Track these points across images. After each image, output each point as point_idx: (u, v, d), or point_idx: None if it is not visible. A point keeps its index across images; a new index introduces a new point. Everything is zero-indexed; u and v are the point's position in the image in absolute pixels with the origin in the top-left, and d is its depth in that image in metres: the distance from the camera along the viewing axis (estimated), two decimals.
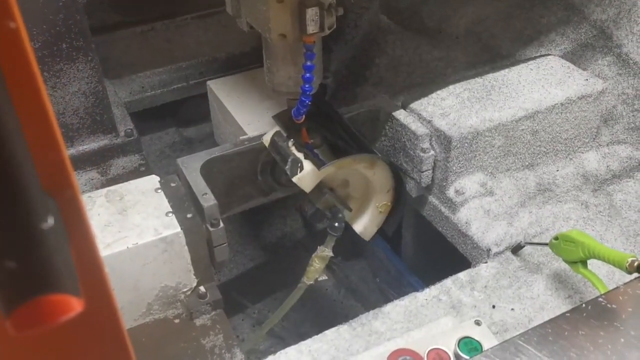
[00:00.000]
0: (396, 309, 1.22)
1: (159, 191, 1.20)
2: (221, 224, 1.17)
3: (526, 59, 1.64)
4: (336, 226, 1.34)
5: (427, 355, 0.93)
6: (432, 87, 1.56)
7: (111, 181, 1.50)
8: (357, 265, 1.94)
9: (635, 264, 1.00)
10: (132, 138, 1.57)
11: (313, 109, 1.25)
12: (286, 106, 1.35)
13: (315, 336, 1.17)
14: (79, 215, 0.40)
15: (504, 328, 1.18)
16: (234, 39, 1.95)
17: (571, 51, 1.81)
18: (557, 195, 1.47)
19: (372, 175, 1.34)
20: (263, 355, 1.16)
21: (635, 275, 1.00)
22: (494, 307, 1.22)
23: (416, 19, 1.95)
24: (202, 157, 1.29)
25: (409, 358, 0.93)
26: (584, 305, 0.93)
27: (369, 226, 1.43)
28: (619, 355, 0.87)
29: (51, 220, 0.32)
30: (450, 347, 0.95)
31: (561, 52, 1.77)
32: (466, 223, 1.40)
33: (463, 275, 1.29)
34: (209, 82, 1.61)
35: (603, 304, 0.94)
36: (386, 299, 1.74)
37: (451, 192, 1.45)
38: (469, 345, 0.94)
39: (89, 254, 0.40)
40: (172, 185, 1.22)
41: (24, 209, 0.30)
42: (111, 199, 1.17)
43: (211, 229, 1.16)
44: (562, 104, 1.49)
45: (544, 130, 1.50)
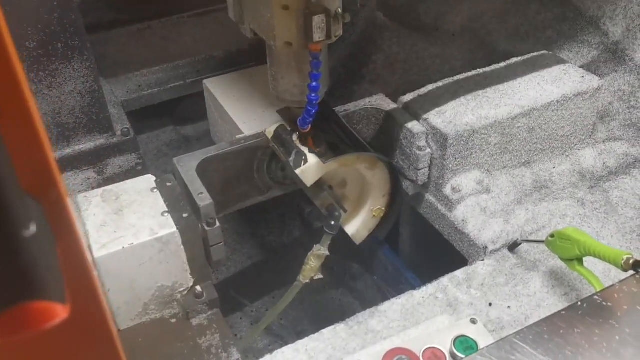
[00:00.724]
0: (393, 307, 1.22)
1: (155, 191, 1.20)
2: (217, 223, 1.17)
3: (522, 56, 1.64)
4: (332, 225, 1.34)
5: (422, 355, 0.93)
6: (429, 84, 1.56)
7: (108, 181, 1.50)
8: (354, 263, 1.94)
9: (631, 261, 1.01)
10: (129, 137, 1.57)
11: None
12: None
13: (312, 335, 1.17)
14: (66, 217, 0.39)
15: (500, 326, 1.18)
16: (231, 37, 1.94)
17: (567, 48, 1.81)
18: (554, 192, 1.47)
19: (372, 176, 1.34)
20: (260, 354, 1.16)
21: (631, 272, 1.00)
22: (490, 304, 1.22)
23: (413, 16, 1.95)
24: (198, 156, 1.29)
25: (404, 357, 0.93)
26: (579, 303, 0.93)
27: (361, 229, 1.43)
28: (614, 353, 0.87)
29: (33, 228, 0.32)
30: (446, 346, 0.95)
31: (557, 49, 1.77)
32: (463, 221, 1.40)
33: (460, 273, 1.29)
34: (205, 81, 1.61)
35: (599, 301, 0.94)
36: (383, 296, 1.74)
37: (448, 189, 1.45)
38: (464, 344, 0.94)
39: (76, 257, 0.40)
40: (168, 184, 1.22)
41: (2, 217, 0.30)
42: (107, 198, 1.17)
43: (207, 229, 1.16)
44: (558, 101, 1.49)
45: (540, 127, 1.50)
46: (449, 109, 1.46)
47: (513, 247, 1.33)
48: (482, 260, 1.32)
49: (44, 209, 0.38)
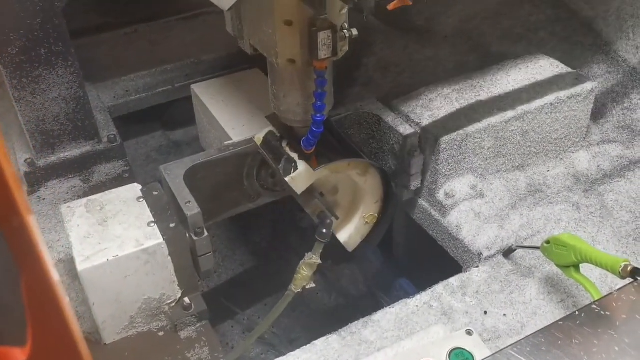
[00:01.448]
0: (386, 316, 1.20)
1: (141, 200, 1.17)
2: (205, 233, 1.14)
3: (515, 59, 1.62)
4: (324, 232, 1.31)
5: None
6: (421, 87, 1.53)
7: (94, 188, 1.47)
8: (348, 269, 1.91)
9: (629, 268, 0.98)
10: (115, 144, 1.54)
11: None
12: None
13: (304, 346, 1.14)
14: (30, 246, 0.36)
15: (496, 335, 1.15)
16: (220, 40, 1.91)
17: (560, 49, 1.79)
18: (548, 196, 1.45)
19: (364, 183, 1.31)
20: None
21: (629, 280, 0.98)
22: (485, 313, 1.19)
23: (404, 18, 1.92)
24: (186, 163, 1.26)
25: None
26: (577, 313, 0.91)
27: (354, 236, 1.40)
28: None
29: None
30: (441, 359, 0.92)
31: (550, 50, 1.75)
32: (457, 226, 1.38)
33: (454, 280, 1.27)
34: (193, 86, 1.58)
35: (597, 311, 0.92)
36: (377, 302, 1.72)
37: (441, 195, 1.42)
38: (460, 356, 0.92)
39: (43, 287, 0.37)
40: (155, 193, 1.19)
41: None
42: (91, 209, 1.14)
43: (195, 238, 1.13)
44: (551, 103, 1.47)
45: (533, 130, 1.48)
46: (442, 112, 1.43)
47: (508, 253, 1.31)
48: (477, 266, 1.30)
49: (4, 237, 0.35)
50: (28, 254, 0.37)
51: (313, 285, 1.34)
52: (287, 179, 1.22)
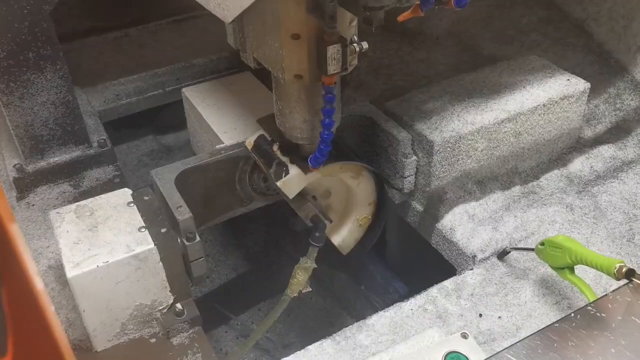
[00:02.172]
0: (381, 320, 1.19)
1: (132, 205, 1.15)
2: (197, 238, 1.13)
3: (507, 60, 1.62)
4: (318, 236, 1.30)
5: None
6: (413, 90, 1.53)
7: (84, 194, 1.45)
8: (342, 273, 1.90)
9: (624, 269, 0.98)
10: (106, 148, 1.52)
11: None
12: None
13: (298, 352, 1.13)
14: (12, 254, 0.35)
15: (491, 337, 1.15)
16: (210, 43, 1.89)
17: (552, 50, 1.79)
18: (542, 198, 1.44)
19: (356, 185, 1.30)
20: None
21: (624, 281, 0.97)
22: (480, 315, 1.19)
23: (396, 20, 1.92)
24: (177, 167, 1.25)
25: None
26: (572, 315, 0.90)
27: (348, 239, 1.39)
28: None
29: None
30: None
31: (542, 52, 1.75)
32: (450, 229, 1.37)
33: (449, 283, 1.26)
34: (184, 89, 1.56)
35: (592, 312, 0.91)
36: (372, 306, 1.71)
37: (434, 197, 1.42)
38: None
39: (26, 296, 0.36)
40: (146, 198, 1.17)
41: None
42: (81, 214, 1.12)
43: (187, 244, 1.12)
44: (544, 104, 1.46)
45: (526, 132, 1.48)
46: (435, 114, 1.43)
47: (502, 255, 1.30)
48: (471, 269, 1.29)
49: None
50: (10, 263, 0.35)
51: (309, 289, 1.33)
52: (279, 183, 1.20)
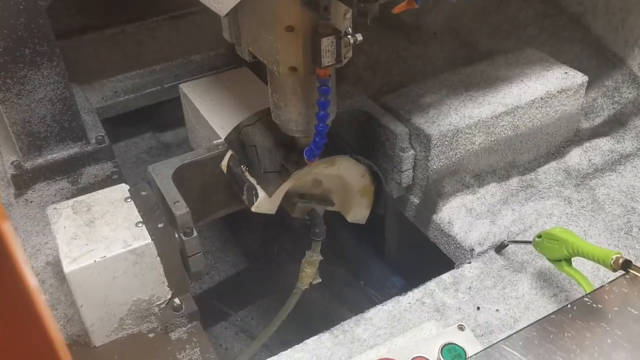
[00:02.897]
0: (379, 314, 1.19)
1: (129, 200, 1.15)
2: (195, 233, 1.13)
3: (505, 53, 1.61)
4: (317, 231, 1.30)
5: None
6: (411, 84, 1.53)
7: (82, 190, 1.45)
8: (340, 268, 1.90)
9: (621, 261, 0.98)
10: (104, 145, 1.52)
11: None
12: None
13: (296, 345, 1.13)
14: (4, 252, 0.35)
15: (488, 330, 1.15)
16: (208, 40, 1.89)
17: (549, 44, 1.79)
18: (540, 191, 1.44)
19: (337, 170, 1.28)
20: None
21: (621, 272, 0.97)
22: (478, 308, 1.19)
23: (393, 15, 1.91)
24: (174, 163, 1.25)
25: None
26: (569, 306, 0.90)
27: (359, 212, 1.36)
28: (607, 357, 0.84)
29: None
30: (433, 355, 0.92)
31: (539, 46, 1.75)
32: (448, 223, 1.37)
33: (447, 277, 1.26)
34: (181, 85, 1.56)
35: (589, 303, 0.91)
36: (370, 301, 1.71)
37: (432, 191, 1.42)
38: (452, 352, 0.91)
39: (19, 295, 0.36)
40: (143, 193, 1.17)
41: None
42: (78, 210, 1.12)
43: (184, 239, 1.12)
44: (542, 98, 1.46)
45: (524, 125, 1.48)
46: (432, 108, 1.43)
47: (500, 248, 1.30)
48: (469, 262, 1.29)
49: None
50: (2, 262, 0.35)
51: (319, 280, 1.34)
52: (253, 209, 1.21)
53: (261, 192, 1.19)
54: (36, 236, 1.32)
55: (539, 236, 1.16)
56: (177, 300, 1.14)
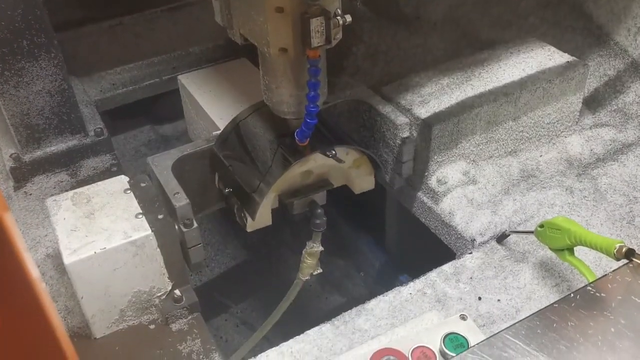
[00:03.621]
0: (380, 304, 1.18)
1: (129, 192, 1.14)
2: (195, 224, 1.12)
3: (506, 43, 1.60)
4: (317, 222, 1.29)
5: (411, 354, 0.89)
6: (411, 74, 1.52)
7: (81, 183, 1.44)
8: (341, 260, 1.90)
9: (624, 250, 0.97)
10: (102, 137, 1.51)
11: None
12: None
13: (297, 336, 1.12)
14: (5, 243, 0.34)
15: (490, 320, 1.14)
16: (206, 31, 1.88)
17: (551, 34, 1.77)
18: (541, 181, 1.44)
19: (315, 163, 1.25)
20: (245, 357, 1.11)
21: (624, 261, 0.97)
22: (480, 298, 1.18)
23: (393, 6, 1.90)
24: (174, 154, 1.24)
25: (392, 358, 0.89)
26: (572, 295, 0.90)
27: (362, 181, 1.32)
28: (610, 346, 0.83)
29: None
30: (435, 344, 0.91)
31: (541, 36, 1.74)
32: (449, 213, 1.36)
33: (448, 267, 1.25)
34: (179, 77, 1.56)
35: (592, 292, 0.91)
36: (371, 292, 1.71)
37: (433, 181, 1.41)
38: (454, 341, 0.91)
39: (20, 286, 0.35)
40: (142, 185, 1.17)
41: None
42: (77, 202, 1.11)
43: (184, 230, 1.11)
44: (543, 87, 1.45)
45: (525, 115, 1.47)
46: (432, 98, 1.42)
47: (501, 238, 1.30)
48: (471, 253, 1.29)
49: None
50: (3, 253, 0.35)
51: (320, 270, 1.33)
52: (248, 230, 1.23)
53: (249, 217, 1.22)
54: (36, 229, 1.32)
55: (541, 226, 1.16)
56: (177, 292, 1.14)
